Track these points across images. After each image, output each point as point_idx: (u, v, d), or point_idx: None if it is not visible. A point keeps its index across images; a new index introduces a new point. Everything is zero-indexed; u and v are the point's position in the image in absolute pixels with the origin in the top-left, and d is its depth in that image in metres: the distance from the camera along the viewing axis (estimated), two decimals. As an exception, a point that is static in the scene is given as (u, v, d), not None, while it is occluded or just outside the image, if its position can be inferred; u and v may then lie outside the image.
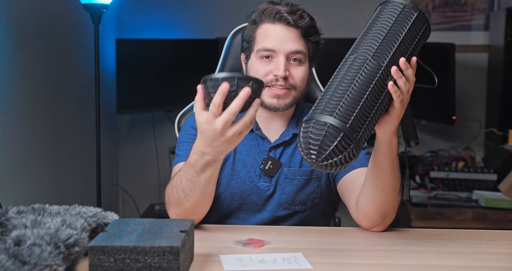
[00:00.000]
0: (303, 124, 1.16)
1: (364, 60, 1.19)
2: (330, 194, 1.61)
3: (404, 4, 1.26)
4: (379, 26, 1.23)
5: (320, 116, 1.14)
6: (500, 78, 3.38)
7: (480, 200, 2.96)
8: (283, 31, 1.52)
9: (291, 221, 1.59)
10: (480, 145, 3.73)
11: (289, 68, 1.53)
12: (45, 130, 2.83)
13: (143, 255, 1.02)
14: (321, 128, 1.13)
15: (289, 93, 1.54)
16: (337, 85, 1.17)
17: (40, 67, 2.78)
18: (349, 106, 1.14)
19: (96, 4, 2.67)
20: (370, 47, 1.20)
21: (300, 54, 1.53)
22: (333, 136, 1.12)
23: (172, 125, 1.92)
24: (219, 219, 1.60)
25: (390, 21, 1.24)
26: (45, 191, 2.82)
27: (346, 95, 1.15)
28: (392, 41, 1.21)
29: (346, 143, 1.13)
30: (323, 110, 1.15)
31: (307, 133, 1.14)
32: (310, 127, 1.14)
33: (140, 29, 3.81)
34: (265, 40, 1.53)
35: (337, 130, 1.12)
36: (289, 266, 1.15)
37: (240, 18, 1.77)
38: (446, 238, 1.39)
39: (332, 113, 1.13)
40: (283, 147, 1.60)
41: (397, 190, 1.38)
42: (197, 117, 1.25)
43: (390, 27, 1.23)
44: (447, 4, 3.75)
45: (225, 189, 1.58)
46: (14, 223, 1.10)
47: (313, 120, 1.14)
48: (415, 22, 1.25)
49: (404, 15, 1.24)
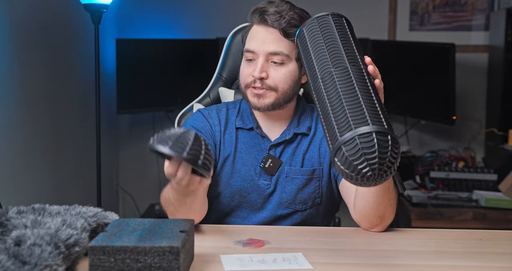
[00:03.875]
0: (343, 147, 1.05)
1: (345, 69, 1.16)
2: (331, 194, 1.61)
3: (329, 13, 1.27)
4: (329, 40, 1.22)
5: (358, 130, 1.04)
6: (500, 78, 3.38)
7: (480, 200, 2.96)
8: (263, 33, 1.53)
9: (291, 220, 1.59)
10: (480, 145, 3.73)
11: (268, 69, 1.53)
12: (45, 130, 2.83)
13: (143, 255, 1.02)
14: (370, 139, 1.04)
15: (269, 94, 1.53)
16: (340, 100, 1.10)
17: (40, 67, 2.78)
18: (370, 109, 1.09)
19: (96, 4, 2.67)
20: (340, 58, 1.18)
21: (280, 56, 1.52)
22: (384, 141, 1.04)
23: (172, 126, 1.92)
24: (219, 217, 1.62)
25: (334, 33, 1.23)
26: (45, 191, 2.82)
27: (361, 101, 1.10)
28: (351, 47, 1.21)
29: (396, 142, 1.07)
30: (354, 125, 1.05)
31: (357, 151, 1.04)
32: (356, 145, 1.04)
33: (140, 29, 3.81)
34: (249, 42, 1.55)
35: (385, 135, 1.05)
36: (289, 266, 1.15)
37: (240, 18, 1.77)
38: (446, 238, 1.39)
39: (367, 122, 1.06)
40: (283, 146, 1.60)
41: (391, 189, 1.38)
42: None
43: (339, 37, 1.22)
44: (447, 4, 3.75)
45: (225, 187, 1.59)
46: (14, 223, 1.10)
47: (355, 137, 1.04)
48: (346, 24, 1.27)
49: (336, 22, 1.26)
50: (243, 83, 1.57)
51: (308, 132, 1.60)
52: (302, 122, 1.61)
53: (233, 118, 1.63)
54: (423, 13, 3.77)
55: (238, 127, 1.61)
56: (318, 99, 1.16)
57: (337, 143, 1.06)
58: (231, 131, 1.62)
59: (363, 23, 3.70)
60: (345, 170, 1.05)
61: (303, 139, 1.60)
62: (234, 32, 1.89)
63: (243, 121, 1.61)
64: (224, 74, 1.89)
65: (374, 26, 3.73)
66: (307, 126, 1.61)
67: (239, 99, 1.68)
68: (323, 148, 1.60)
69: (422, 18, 3.77)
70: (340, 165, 1.06)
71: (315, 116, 1.63)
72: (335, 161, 1.07)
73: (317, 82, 1.17)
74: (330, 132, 1.10)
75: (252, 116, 1.61)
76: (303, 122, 1.61)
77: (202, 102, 1.87)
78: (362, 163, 1.03)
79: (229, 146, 1.60)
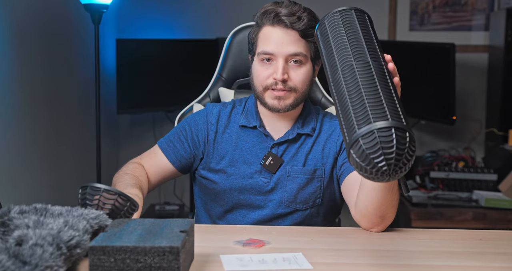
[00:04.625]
0: (361, 140, 1.04)
1: (366, 63, 1.15)
2: (332, 195, 1.62)
3: (352, 8, 1.27)
4: (351, 33, 1.22)
5: (377, 124, 1.03)
6: (500, 78, 3.38)
7: (480, 200, 2.96)
8: (281, 34, 1.53)
9: (292, 219, 1.60)
10: (480, 145, 3.74)
11: (288, 70, 1.54)
12: (46, 130, 2.83)
13: (143, 255, 1.02)
14: (389, 134, 1.03)
15: (290, 95, 1.55)
16: (360, 93, 1.10)
17: (41, 67, 2.78)
18: (390, 104, 1.08)
19: (96, 4, 2.67)
20: (362, 52, 1.18)
21: (300, 56, 1.53)
22: (402, 138, 1.04)
23: (172, 126, 1.93)
24: (220, 214, 1.64)
25: (356, 27, 1.23)
26: (45, 191, 2.82)
27: (381, 96, 1.09)
28: (372, 43, 1.21)
29: (413, 140, 1.06)
30: (373, 118, 1.05)
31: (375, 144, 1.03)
32: (375, 138, 1.03)
33: (140, 29, 3.81)
34: (265, 44, 1.54)
35: (403, 131, 1.04)
36: (289, 266, 1.15)
37: (240, 18, 1.77)
38: (446, 238, 1.39)
39: (386, 117, 1.05)
40: (286, 145, 1.61)
41: (395, 190, 1.38)
42: None
43: (362, 32, 1.22)
44: (447, 4, 3.75)
45: (225, 184, 1.61)
46: (17, 223, 1.10)
47: (374, 131, 1.03)
48: (368, 20, 1.27)
49: (359, 17, 1.25)
50: (260, 86, 1.56)
51: (312, 133, 1.61)
52: (306, 123, 1.62)
53: (237, 117, 1.64)
54: (423, 13, 3.77)
55: (242, 126, 1.63)
56: (337, 91, 1.16)
57: (355, 135, 1.04)
58: (232, 129, 1.63)
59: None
60: (360, 163, 1.04)
61: (307, 139, 1.61)
62: (234, 32, 1.89)
63: (247, 120, 1.62)
64: (224, 74, 1.89)
65: (374, 26, 3.72)
66: (311, 128, 1.62)
67: (245, 98, 1.69)
68: (327, 149, 1.60)
69: (422, 18, 3.77)
70: (356, 157, 1.05)
71: (321, 118, 1.65)
72: (351, 152, 1.05)
73: (336, 74, 1.17)
74: (347, 124, 1.09)
75: (257, 115, 1.63)
76: (308, 123, 1.62)
77: (202, 103, 1.87)
78: (379, 157, 1.02)
79: (229, 144, 1.62)
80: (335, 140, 1.61)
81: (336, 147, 1.60)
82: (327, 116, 1.66)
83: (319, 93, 1.85)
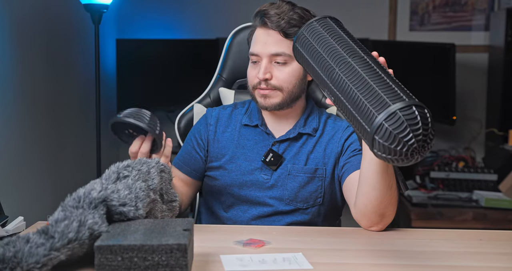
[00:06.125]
0: (385, 123, 1.05)
1: (362, 58, 1.18)
2: (333, 196, 1.63)
3: (326, 16, 1.29)
4: (336, 36, 1.24)
5: (397, 105, 1.06)
6: (500, 78, 3.38)
7: (481, 200, 2.96)
8: (264, 35, 1.57)
9: (292, 217, 1.60)
10: (480, 145, 3.74)
11: (272, 70, 1.57)
12: (46, 130, 2.83)
13: (150, 253, 1.02)
14: (411, 111, 1.05)
15: (275, 94, 1.58)
16: (368, 83, 1.12)
17: (41, 67, 2.78)
18: (399, 87, 1.12)
19: (96, 4, 2.67)
20: (353, 50, 1.20)
21: (283, 56, 1.56)
22: (424, 113, 1.07)
23: (172, 126, 1.92)
24: (221, 210, 1.66)
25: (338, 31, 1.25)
26: (45, 191, 2.82)
27: (389, 82, 1.13)
28: (357, 42, 1.24)
29: (431, 115, 1.09)
30: (391, 101, 1.07)
31: (401, 123, 1.05)
32: (399, 118, 1.05)
33: (140, 29, 3.81)
34: (253, 45, 1.60)
35: (422, 107, 1.08)
36: (289, 266, 1.15)
37: (240, 18, 1.78)
38: (446, 238, 1.39)
39: (402, 98, 1.08)
40: (287, 143, 1.63)
41: (394, 188, 1.38)
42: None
43: (345, 34, 1.24)
44: (447, 4, 3.75)
45: (225, 180, 1.63)
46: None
47: (396, 111, 1.05)
48: (342, 25, 1.30)
49: (336, 23, 1.28)
50: (250, 85, 1.62)
51: (314, 134, 1.63)
52: (308, 123, 1.64)
53: (239, 117, 1.68)
54: (423, 13, 3.77)
55: (245, 125, 1.66)
56: (340, 89, 1.17)
57: (376, 120, 1.06)
58: (233, 128, 1.66)
59: (363, 23, 3.70)
60: (388, 146, 1.05)
61: (309, 139, 1.63)
62: (234, 32, 1.89)
63: (250, 119, 1.66)
64: (224, 75, 1.89)
65: (374, 26, 3.73)
66: (313, 128, 1.63)
67: (249, 100, 1.73)
68: (329, 149, 1.62)
69: (422, 18, 3.78)
70: (383, 142, 1.06)
71: (324, 120, 1.66)
72: (375, 139, 1.06)
73: (334, 74, 1.18)
74: (363, 116, 1.10)
75: (259, 114, 1.66)
76: (310, 123, 1.64)
77: (202, 103, 1.87)
78: (407, 135, 1.04)
79: (230, 142, 1.65)
80: (337, 141, 1.62)
81: (338, 147, 1.61)
82: (331, 118, 1.68)
83: (319, 93, 1.85)
